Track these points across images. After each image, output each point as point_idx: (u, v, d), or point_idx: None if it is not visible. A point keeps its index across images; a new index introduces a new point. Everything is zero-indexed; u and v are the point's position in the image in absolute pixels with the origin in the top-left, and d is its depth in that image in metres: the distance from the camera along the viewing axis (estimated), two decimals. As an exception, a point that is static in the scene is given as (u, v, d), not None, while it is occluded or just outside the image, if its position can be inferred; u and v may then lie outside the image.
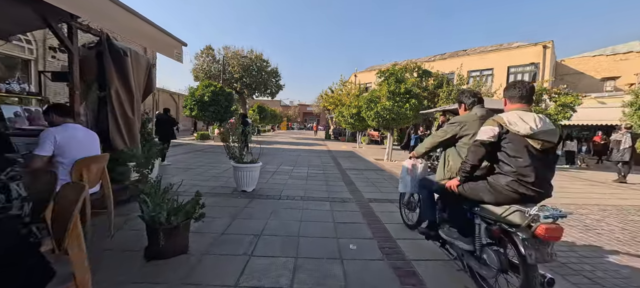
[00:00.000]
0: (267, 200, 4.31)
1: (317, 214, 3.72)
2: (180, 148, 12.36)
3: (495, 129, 1.86)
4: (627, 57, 19.20)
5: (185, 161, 8.17)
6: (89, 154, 2.58)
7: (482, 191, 1.94)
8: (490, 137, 1.85)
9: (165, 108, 8.01)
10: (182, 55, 3.78)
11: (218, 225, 3.16)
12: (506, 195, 1.82)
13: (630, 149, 7.91)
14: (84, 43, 4.00)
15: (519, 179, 1.77)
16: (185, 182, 5.33)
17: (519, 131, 1.79)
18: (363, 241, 2.90)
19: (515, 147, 1.80)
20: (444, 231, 2.33)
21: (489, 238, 1.97)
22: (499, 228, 1.87)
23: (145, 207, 2.37)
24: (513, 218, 1.77)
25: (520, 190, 1.78)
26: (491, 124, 1.90)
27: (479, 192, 1.96)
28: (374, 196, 4.76)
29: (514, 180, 1.78)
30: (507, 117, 1.87)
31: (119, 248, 2.53)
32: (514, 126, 1.81)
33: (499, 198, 1.86)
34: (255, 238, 2.84)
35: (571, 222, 3.79)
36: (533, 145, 1.78)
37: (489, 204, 1.92)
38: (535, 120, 1.80)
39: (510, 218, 1.79)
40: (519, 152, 1.79)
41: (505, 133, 1.84)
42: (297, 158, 9.88)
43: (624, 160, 7.93)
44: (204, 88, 16.73)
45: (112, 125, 3.96)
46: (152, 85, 4.66)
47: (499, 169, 1.87)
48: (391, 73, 9.83)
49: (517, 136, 1.80)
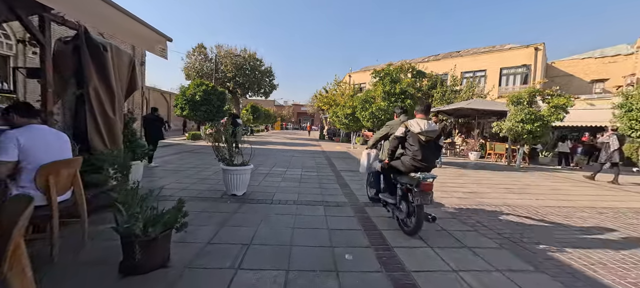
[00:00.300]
0: (258, 204, 4.10)
1: (310, 220, 3.53)
2: (171, 148, 12.00)
3: (403, 129, 3.19)
4: (615, 59, 19.60)
5: (174, 162, 7.87)
6: (58, 158, 2.33)
7: (398, 165, 3.26)
8: (401, 134, 3.20)
9: (153, 107, 7.69)
10: (166, 50, 3.54)
11: (204, 234, 2.94)
12: (409, 167, 3.12)
13: (618, 151, 7.97)
14: (60, 37, 3.72)
15: (414, 158, 3.08)
16: (172, 185, 5.08)
17: (414, 130, 3.06)
18: (359, 250, 2.73)
19: (413, 140, 3.11)
20: (383, 195, 3.62)
21: (402, 194, 3.25)
22: (406, 187, 3.16)
23: (119, 217, 2.15)
24: (412, 180, 3.04)
25: (415, 164, 3.07)
26: (402, 127, 3.21)
27: (397, 165, 3.27)
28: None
29: (412, 158, 3.09)
30: (410, 122, 3.15)
31: (92, 261, 2.29)
32: (412, 128, 3.09)
33: (406, 169, 3.16)
34: (244, 249, 2.64)
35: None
36: (422, 138, 3.06)
37: (402, 173, 3.22)
38: (424, 125, 3.06)
39: (411, 180, 3.05)
40: (414, 143, 3.10)
41: (408, 132, 3.14)
42: (290, 160, 9.67)
43: (613, 162, 7.99)
44: (196, 87, 16.34)
45: (91, 125, 3.69)
46: (135, 83, 4.39)
47: (405, 153, 3.20)
48: (386, 73, 9.72)
49: (414, 133, 3.08)
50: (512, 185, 6.63)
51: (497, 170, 9.40)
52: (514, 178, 7.70)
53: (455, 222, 3.75)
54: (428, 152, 3.09)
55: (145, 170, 6.40)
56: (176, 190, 4.77)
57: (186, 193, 4.59)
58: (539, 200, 5.27)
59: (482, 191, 5.80)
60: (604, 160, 8.20)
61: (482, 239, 3.15)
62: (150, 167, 6.81)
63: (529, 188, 6.44)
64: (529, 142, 10.50)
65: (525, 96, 10.32)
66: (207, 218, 3.40)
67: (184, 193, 4.58)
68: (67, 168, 2.39)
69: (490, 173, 8.58)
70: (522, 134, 9.95)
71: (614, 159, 8.00)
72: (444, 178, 7.00)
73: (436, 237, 3.15)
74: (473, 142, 13.23)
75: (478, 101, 14.14)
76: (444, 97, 18.62)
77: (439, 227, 3.47)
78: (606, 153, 8.15)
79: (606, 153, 8.15)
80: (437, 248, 2.85)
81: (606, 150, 8.19)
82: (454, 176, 7.58)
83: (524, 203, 4.91)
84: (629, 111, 10.58)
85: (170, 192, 4.61)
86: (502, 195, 5.54)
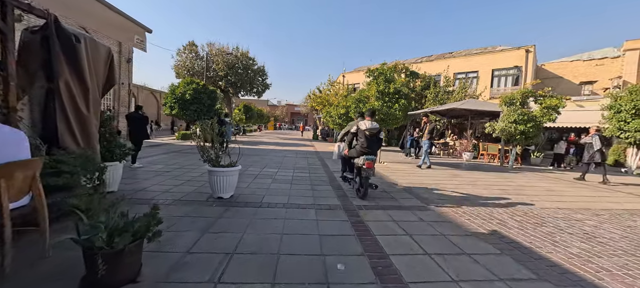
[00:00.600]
0: (245, 208, 3.86)
1: (300, 225, 3.31)
2: (159, 148, 11.62)
3: (354, 127, 4.89)
4: (602, 62, 20.01)
5: (160, 162, 7.53)
6: (12, 159, 2.06)
7: (353, 152, 4.79)
8: (353, 130, 4.88)
9: (137, 105, 7.34)
10: (145, 43, 3.27)
11: (184, 242, 2.68)
12: (359, 153, 4.64)
13: (600, 151, 8.04)
14: (28, 26, 3.40)
15: (361, 146, 4.63)
16: (154, 187, 4.79)
17: (362, 128, 4.65)
18: (352, 259, 2.52)
19: (361, 134, 4.66)
20: (346, 173, 5.33)
21: (356, 171, 4.67)
22: (358, 166, 4.58)
23: (81, 226, 1.89)
24: (360, 161, 4.54)
25: (363, 151, 4.60)
26: (355, 126, 4.90)
27: (353, 153, 4.79)
28: (363, 202, 4.41)
29: (361, 146, 4.64)
30: (360, 123, 4.81)
31: (51, 276, 2.02)
32: (361, 126, 4.70)
33: (357, 154, 4.67)
34: (227, 258, 2.40)
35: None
36: (367, 133, 4.61)
37: (356, 158, 4.69)
38: (369, 124, 4.68)
39: (360, 162, 4.52)
40: (362, 137, 4.64)
41: (358, 129, 4.74)
42: (282, 160, 9.43)
43: (596, 162, 8.08)
44: (186, 85, 15.92)
45: (62, 123, 3.39)
46: (113, 78, 4.08)
47: (357, 143, 4.75)
48: (380, 72, 9.57)
49: (361, 130, 4.65)
50: (507, 186, 6.56)
51: (491, 170, 9.36)
52: (508, 179, 7.65)
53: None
54: (371, 142, 4.71)
55: (128, 171, 6.07)
56: (158, 192, 4.48)
57: (169, 196, 4.31)
58: (534, 201, 5.18)
59: (477, 193, 5.69)
60: (587, 160, 8.28)
61: (481, 244, 3.00)
62: (134, 168, 6.47)
63: (524, 189, 6.37)
64: (521, 142, 10.53)
65: (518, 97, 10.34)
66: (189, 224, 3.15)
67: (166, 196, 4.30)
68: (23, 170, 2.11)
69: (484, 173, 8.52)
70: (515, 135, 9.95)
71: (595, 159, 8.10)
72: (438, 180, 6.88)
73: (432, 241, 2.98)
74: (466, 143, 13.23)
75: (471, 102, 14.16)
76: (437, 98, 18.65)
77: (438, 232, 3.31)
78: (588, 154, 8.25)
79: (588, 154, 8.25)
80: (435, 254, 2.67)
81: (588, 151, 8.28)
82: (448, 176, 7.47)
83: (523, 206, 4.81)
84: (618, 113, 10.75)
85: (152, 195, 4.32)
86: (497, 197, 5.44)
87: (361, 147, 4.64)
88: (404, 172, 7.93)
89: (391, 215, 3.84)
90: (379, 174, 7.23)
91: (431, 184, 6.30)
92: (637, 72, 17.60)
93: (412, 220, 3.68)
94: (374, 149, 4.71)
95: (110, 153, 4.31)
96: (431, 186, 6.09)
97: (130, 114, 7.07)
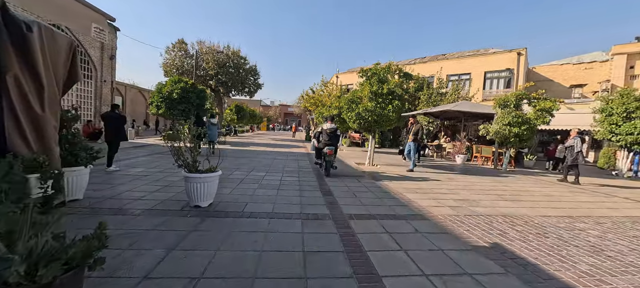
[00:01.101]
0: (224, 219, 3.49)
1: (283, 239, 2.96)
2: (142, 149, 11.08)
3: (320, 128, 7.78)
4: (591, 66, 20.30)
5: (141, 165, 7.06)
6: None
7: (320, 145, 7.14)
8: (318, 130, 7.55)
9: (113, 104, 6.85)
10: (105, 33, 2.92)
11: (144, 263, 2.30)
12: (324, 145, 6.98)
13: (580, 153, 8.28)
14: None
15: (325, 141, 7.01)
16: (124, 194, 4.37)
17: (324, 128, 7.16)
18: (339, 282, 2.19)
19: (324, 133, 7.10)
20: (317, 159, 7.80)
21: (322, 157, 7.16)
22: (324, 153, 6.96)
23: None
24: (325, 150, 6.93)
25: (326, 143, 6.97)
26: (320, 127, 7.88)
27: (320, 145, 7.16)
28: (355, 211, 4.10)
29: (324, 141, 7.02)
30: (324, 124, 7.48)
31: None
32: (324, 127, 7.23)
33: (322, 146, 7.03)
34: (191, 285, 2.04)
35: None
36: (328, 131, 7.02)
37: (322, 148, 7.01)
38: (329, 125, 7.15)
39: (325, 150, 6.90)
40: (324, 135, 7.06)
41: (322, 129, 7.23)
42: (271, 163, 9.04)
43: (574, 164, 8.23)
44: (173, 84, 15.31)
45: (10, 123, 2.97)
46: (76, 74, 3.65)
47: (322, 139, 7.09)
48: (374, 72, 9.28)
49: (324, 129, 7.12)
50: (503, 191, 6.34)
51: (485, 174, 9.19)
52: (503, 183, 7.46)
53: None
54: (330, 138, 6.92)
55: (102, 175, 5.62)
56: (129, 200, 4.06)
57: (141, 204, 3.90)
58: (533, 208, 4.96)
59: (474, 198, 5.44)
60: (570, 163, 8.44)
61: (483, 261, 2.71)
62: (109, 172, 6.00)
63: (521, 194, 6.17)
64: (515, 145, 10.41)
65: (512, 99, 10.22)
66: (155, 240, 2.76)
67: (137, 204, 3.89)
68: None
69: (479, 177, 8.32)
70: (510, 137, 9.82)
71: (579, 161, 8.27)
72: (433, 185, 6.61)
73: (429, 255, 2.67)
74: (459, 145, 13.09)
75: (464, 103, 14.05)
76: (431, 99, 18.55)
77: (436, 246, 3.00)
78: (571, 156, 8.40)
79: (571, 156, 8.40)
80: (433, 276, 2.36)
81: (571, 153, 8.44)
82: (444, 182, 7.23)
83: (519, 212, 4.57)
84: (610, 116, 10.76)
85: (122, 203, 3.90)
86: (494, 202, 5.20)
87: (325, 141, 6.95)
88: (394, 174, 7.65)
89: (384, 225, 3.52)
90: (376, 176, 6.91)
91: (426, 188, 6.04)
92: (624, 76, 17.89)
93: (407, 232, 3.37)
94: (334, 142, 6.95)
95: (74, 157, 3.87)
96: (426, 191, 5.81)
97: (106, 113, 6.58)
